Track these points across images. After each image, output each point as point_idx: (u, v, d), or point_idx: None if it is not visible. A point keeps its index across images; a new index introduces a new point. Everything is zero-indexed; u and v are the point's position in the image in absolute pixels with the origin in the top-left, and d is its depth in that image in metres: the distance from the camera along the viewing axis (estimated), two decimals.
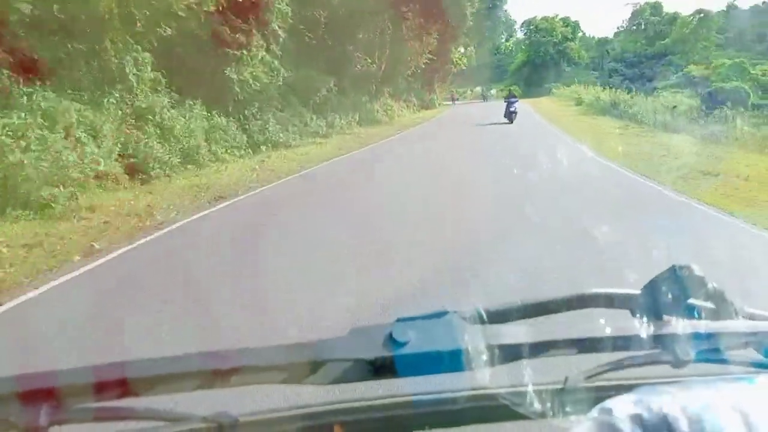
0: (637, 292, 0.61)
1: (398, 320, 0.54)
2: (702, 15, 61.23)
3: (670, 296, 0.58)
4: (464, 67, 56.92)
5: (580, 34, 66.67)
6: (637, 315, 0.59)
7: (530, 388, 0.59)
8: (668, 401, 0.41)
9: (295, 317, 3.84)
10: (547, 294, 0.62)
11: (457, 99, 61.65)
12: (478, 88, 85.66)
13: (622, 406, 0.42)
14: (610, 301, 0.63)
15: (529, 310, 0.61)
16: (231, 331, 3.60)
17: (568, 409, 0.57)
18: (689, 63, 58.13)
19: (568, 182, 9.06)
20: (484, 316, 0.57)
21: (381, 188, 10.03)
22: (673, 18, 63.77)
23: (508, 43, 71.20)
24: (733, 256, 4.72)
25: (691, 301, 0.59)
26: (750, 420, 0.39)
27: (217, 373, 0.51)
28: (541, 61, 61.34)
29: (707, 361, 0.55)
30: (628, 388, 0.45)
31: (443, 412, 0.63)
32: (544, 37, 62.55)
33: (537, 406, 0.57)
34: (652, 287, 0.59)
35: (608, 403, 0.43)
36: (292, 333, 3.43)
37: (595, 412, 0.43)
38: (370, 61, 31.02)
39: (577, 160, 12.66)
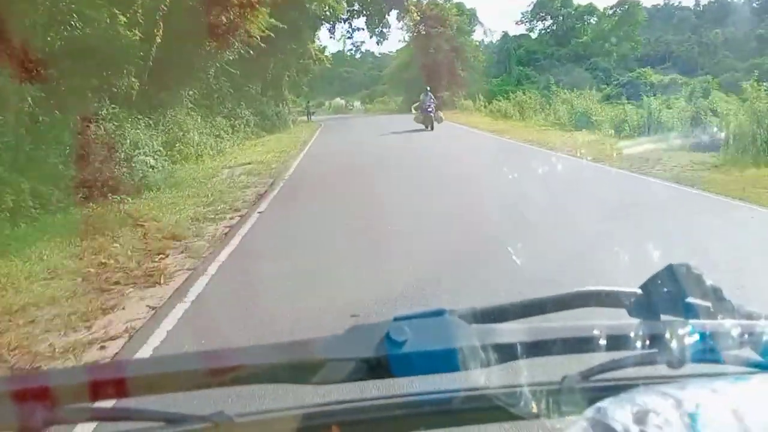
0: (634, 290, 0.61)
1: (395, 319, 0.54)
2: (626, 8, 48.17)
3: (667, 295, 0.59)
4: (329, 65, 37.81)
5: (477, 27, 50.88)
6: (634, 314, 0.59)
7: (527, 388, 0.58)
8: (665, 401, 0.41)
9: None
10: (543, 294, 0.63)
11: (313, 112, 42.87)
12: (339, 99, 66.93)
13: (618, 406, 0.42)
14: (606, 300, 0.63)
15: (525, 309, 0.61)
16: None
17: (564, 409, 0.56)
18: (626, 67, 45.08)
19: None
20: (481, 316, 0.58)
21: None
22: (588, 11, 50.23)
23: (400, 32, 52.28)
24: None
25: (688, 299, 0.59)
26: (746, 420, 0.39)
27: (212, 373, 0.52)
28: (431, 62, 44.27)
29: (704, 360, 0.54)
30: (624, 388, 0.46)
31: (441, 412, 0.62)
32: (434, 27, 45.41)
33: (533, 406, 0.56)
34: (648, 286, 0.60)
35: (604, 403, 0.43)
36: None
37: (591, 412, 0.43)
38: (118, 14, 10.49)
39: None
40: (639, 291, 0.60)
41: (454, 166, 11.59)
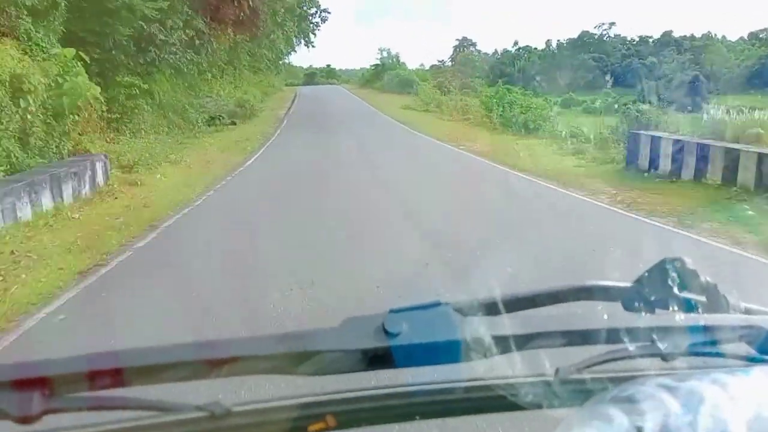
0: (629, 284, 0.62)
1: (391, 311, 0.54)
2: None
3: (662, 289, 0.59)
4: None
5: None
6: (630, 307, 0.60)
7: (523, 380, 0.58)
8: (659, 394, 0.42)
9: None
10: (542, 286, 0.62)
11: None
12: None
13: (613, 398, 0.42)
14: (603, 294, 0.63)
15: (522, 301, 0.62)
16: None
17: (558, 400, 0.56)
18: None
19: None
20: (477, 307, 0.58)
21: None
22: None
23: None
24: None
25: (683, 294, 0.59)
26: (741, 413, 0.39)
27: (210, 363, 0.52)
28: None
29: (699, 354, 0.55)
30: (619, 381, 0.47)
31: (436, 402, 0.62)
32: None
33: (530, 397, 0.56)
34: (644, 280, 0.60)
35: (600, 394, 0.44)
36: None
37: (587, 404, 0.44)
38: None
39: None
40: (633, 285, 0.61)
41: None
